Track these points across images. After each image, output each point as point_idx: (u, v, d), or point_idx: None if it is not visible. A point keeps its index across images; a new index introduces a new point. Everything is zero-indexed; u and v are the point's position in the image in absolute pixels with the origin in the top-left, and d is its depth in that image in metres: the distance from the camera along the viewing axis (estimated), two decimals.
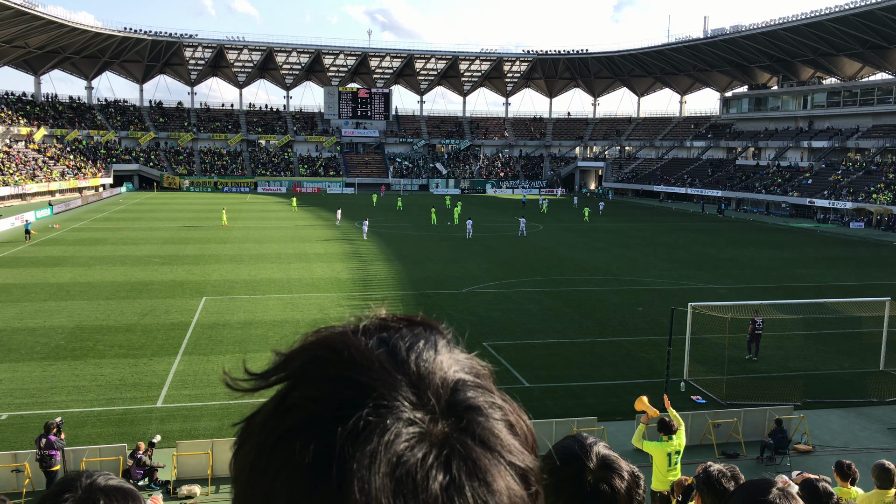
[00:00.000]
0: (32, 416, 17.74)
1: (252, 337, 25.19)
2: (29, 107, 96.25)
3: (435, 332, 0.85)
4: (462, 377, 0.79)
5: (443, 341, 0.83)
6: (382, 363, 0.76)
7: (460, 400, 0.76)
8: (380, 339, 0.81)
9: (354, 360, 0.76)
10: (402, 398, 0.73)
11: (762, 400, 19.26)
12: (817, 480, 4.78)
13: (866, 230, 65.79)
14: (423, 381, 0.76)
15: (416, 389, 0.75)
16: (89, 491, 1.36)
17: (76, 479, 1.40)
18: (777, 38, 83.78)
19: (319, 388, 0.74)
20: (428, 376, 0.77)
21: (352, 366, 0.75)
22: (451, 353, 0.82)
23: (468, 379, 0.79)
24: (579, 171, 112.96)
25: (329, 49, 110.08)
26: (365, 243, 48.74)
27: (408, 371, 0.77)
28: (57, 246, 45.28)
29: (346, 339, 0.80)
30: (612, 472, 1.56)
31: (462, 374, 0.79)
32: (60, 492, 1.37)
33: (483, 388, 0.79)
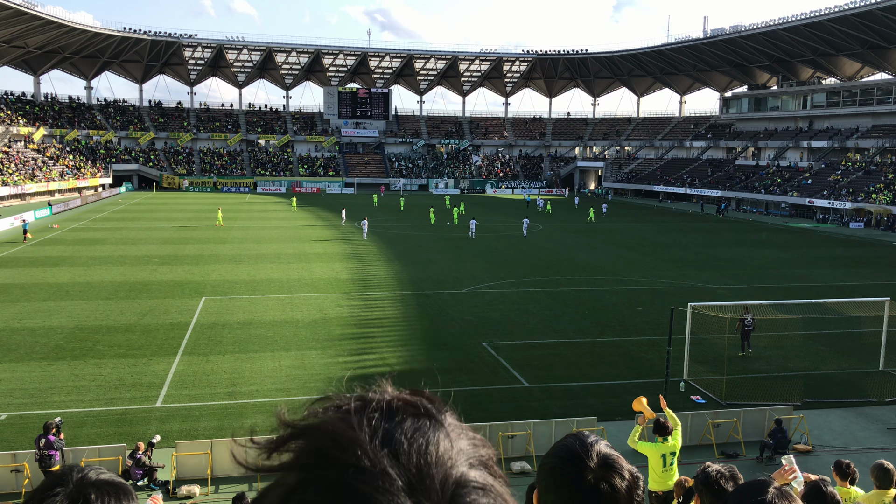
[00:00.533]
0: (32, 417, 17.73)
1: (251, 337, 25.19)
2: (28, 107, 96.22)
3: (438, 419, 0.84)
4: (464, 474, 0.79)
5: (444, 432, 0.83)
6: (384, 468, 0.76)
7: None
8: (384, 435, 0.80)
9: (358, 463, 0.76)
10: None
11: (762, 400, 19.26)
12: (825, 484, 4.77)
13: (866, 230, 65.81)
14: (424, 485, 0.76)
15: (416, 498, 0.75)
16: (80, 485, 1.35)
17: (67, 474, 1.38)
18: (777, 38, 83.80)
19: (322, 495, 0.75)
20: (428, 479, 0.77)
21: (354, 471, 0.75)
22: (453, 444, 0.81)
23: (469, 477, 0.79)
24: (579, 171, 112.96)
25: (328, 49, 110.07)
26: (364, 243, 48.74)
27: (409, 474, 0.76)
28: (56, 246, 45.27)
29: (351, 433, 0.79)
30: (613, 472, 1.55)
31: (464, 468, 0.79)
32: (51, 486, 1.35)
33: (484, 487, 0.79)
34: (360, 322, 27.74)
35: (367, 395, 0.86)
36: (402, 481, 0.76)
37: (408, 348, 24.41)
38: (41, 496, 1.35)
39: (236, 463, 0.84)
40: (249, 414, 18.29)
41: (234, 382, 20.50)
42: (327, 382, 20.68)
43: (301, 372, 21.48)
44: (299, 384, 20.40)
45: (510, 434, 16.31)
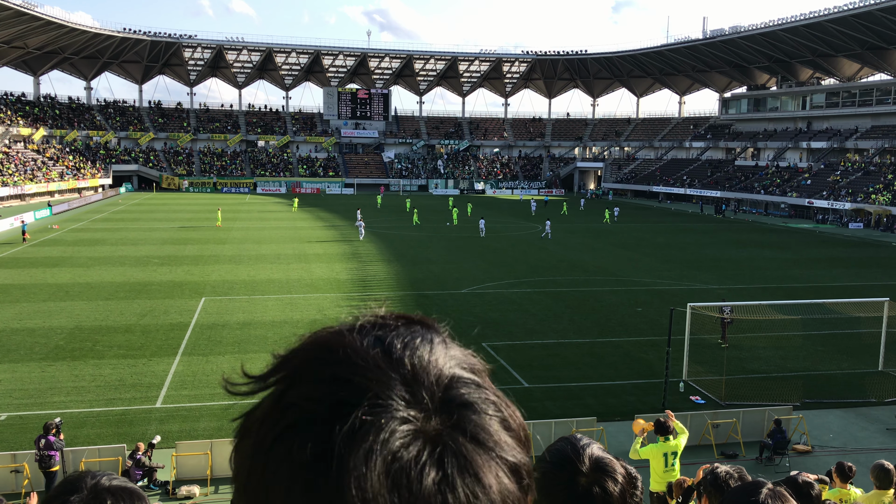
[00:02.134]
0: (31, 417, 17.73)
1: (251, 337, 25.19)
2: (28, 107, 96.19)
3: (431, 330, 0.86)
4: (456, 373, 0.81)
5: (438, 338, 0.85)
6: (378, 362, 0.78)
7: (453, 397, 0.78)
8: (376, 338, 0.82)
9: (350, 359, 0.78)
10: (396, 396, 0.76)
11: (761, 400, 19.27)
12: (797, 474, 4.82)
13: (865, 231, 65.82)
14: (418, 379, 0.78)
15: (410, 387, 0.77)
16: (95, 491, 1.35)
17: (80, 480, 1.38)
18: (776, 38, 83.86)
19: (316, 387, 0.77)
20: (422, 374, 0.79)
21: (348, 365, 0.78)
22: (446, 349, 0.84)
23: (462, 375, 0.81)
24: (578, 171, 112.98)
25: (328, 50, 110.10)
26: (364, 244, 48.73)
27: (402, 369, 0.78)
28: (56, 246, 45.27)
29: (342, 338, 0.81)
30: (605, 475, 1.55)
31: (457, 370, 0.81)
32: (65, 493, 1.35)
33: (477, 384, 0.81)
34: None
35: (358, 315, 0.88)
36: (395, 375, 0.77)
37: None
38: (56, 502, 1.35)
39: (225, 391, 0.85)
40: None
41: None
42: None
43: None
44: None
45: None
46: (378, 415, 0.73)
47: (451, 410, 0.77)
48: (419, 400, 0.76)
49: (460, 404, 0.78)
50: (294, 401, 0.77)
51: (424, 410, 0.76)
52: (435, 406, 0.77)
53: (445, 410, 0.77)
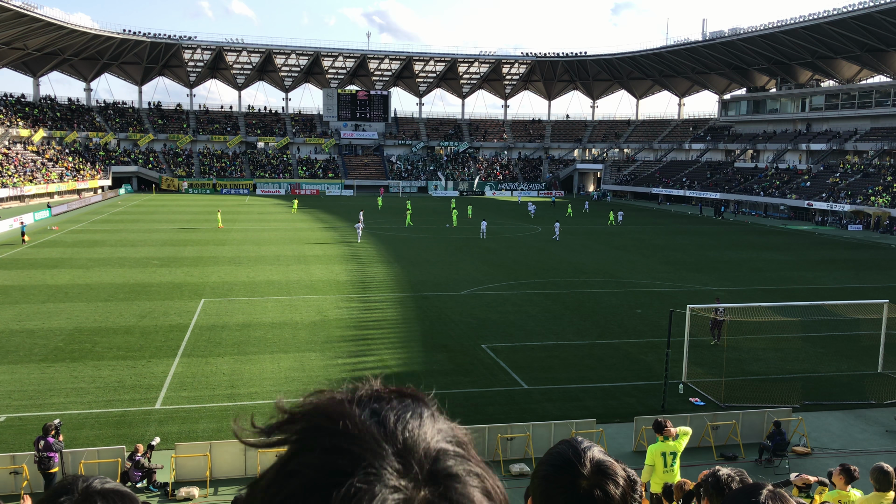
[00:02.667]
0: (31, 418, 17.72)
1: (251, 339, 25.18)
2: (28, 108, 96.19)
3: (421, 404, 0.95)
4: (444, 447, 0.89)
5: (428, 412, 0.94)
6: (373, 435, 0.86)
7: (441, 469, 0.86)
8: (372, 411, 0.90)
9: (348, 431, 0.86)
10: (389, 467, 0.83)
11: (761, 402, 19.27)
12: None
13: (864, 232, 65.87)
14: (409, 452, 0.86)
15: (401, 459, 0.85)
16: (86, 494, 1.36)
17: (72, 483, 1.40)
18: (775, 40, 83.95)
19: (317, 456, 0.84)
20: (413, 447, 0.87)
21: (346, 437, 0.85)
22: (434, 423, 0.92)
23: (449, 449, 0.90)
24: (578, 173, 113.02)
25: (328, 51, 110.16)
26: (363, 245, 48.73)
27: (395, 441, 0.86)
28: (55, 248, 45.25)
29: (343, 409, 0.89)
30: (607, 478, 1.54)
31: (444, 443, 0.90)
32: (57, 495, 1.37)
33: (462, 457, 0.90)
34: (360, 324, 27.73)
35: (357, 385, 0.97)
36: (390, 447, 0.86)
37: (407, 350, 24.42)
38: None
39: (238, 439, 0.94)
40: (249, 416, 18.24)
41: (234, 384, 20.49)
42: (326, 384, 20.65)
43: (300, 374, 21.48)
44: (298, 386, 20.39)
45: (509, 436, 16.31)
46: (371, 483, 0.81)
47: (439, 481, 0.85)
48: (409, 470, 0.84)
49: (447, 476, 0.86)
50: (296, 468, 0.85)
51: (414, 480, 0.83)
52: (424, 476, 0.84)
53: (433, 481, 0.85)
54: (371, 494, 0.79)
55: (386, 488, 0.80)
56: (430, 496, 0.83)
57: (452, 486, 0.85)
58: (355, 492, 0.79)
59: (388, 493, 0.80)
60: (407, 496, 0.81)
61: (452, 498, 0.84)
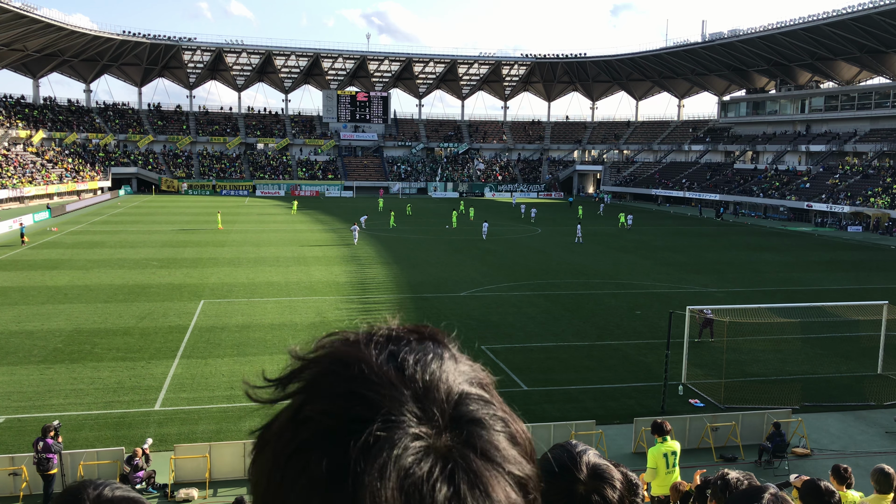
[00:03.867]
0: (30, 420, 17.69)
1: (250, 340, 25.16)
2: (27, 110, 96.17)
3: (441, 345, 0.90)
4: (466, 390, 0.84)
5: (448, 353, 0.88)
6: (391, 379, 0.81)
7: (463, 413, 0.82)
8: (389, 353, 0.85)
9: (364, 375, 0.81)
10: (408, 413, 0.79)
11: (760, 403, 19.25)
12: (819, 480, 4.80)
13: (864, 234, 65.87)
14: (429, 396, 0.81)
15: (421, 404, 0.80)
16: (98, 502, 1.32)
17: (82, 490, 1.34)
18: (775, 42, 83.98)
19: (332, 402, 0.80)
20: (433, 391, 0.82)
21: (362, 381, 0.81)
22: (456, 364, 0.87)
23: (472, 392, 0.84)
24: (577, 174, 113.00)
25: (328, 52, 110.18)
26: (363, 246, 48.68)
27: (414, 386, 0.81)
28: (55, 249, 45.22)
29: (358, 353, 0.84)
30: (604, 483, 1.52)
31: (466, 386, 0.85)
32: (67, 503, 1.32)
33: (485, 400, 0.85)
34: (359, 325, 27.64)
35: (373, 326, 0.93)
36: (408, 391, 0.81)
37: None
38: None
39: (249, 398, 0.87)
40: (248, 417, 18.25)
41: (233, 385, 20.47)
42: None
43: None
44: None
45: None
46: (391, 431, 0.76)
47: (461, 427, 0.80)
48: (430, 416, 0.80)
49: (469, 420, 0.81)
50: (310, 415, 0.80)
51: (435, 427, 0.79)
52: (445, 422, 0.80)
53: (455, 427, 0.80)
54: (391, 443, 0.76)
55: (406, 436, 0.77)
56: (453, 443, 0.79)
57: (476, 432, 0.81)
58: (374, 440, 0.76)
59: (408, 440, 0.76)
60: (429, 444, 0.77)
61: (476, 444, 0.79)
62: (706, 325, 25.67)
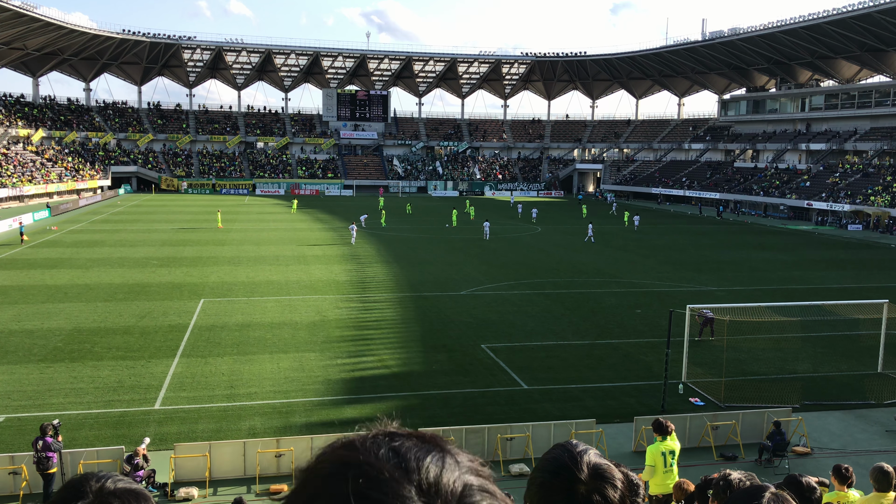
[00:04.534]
0: (30, 419, 17.69)
1: (250, 339, 25.16)
2: (27, 108, 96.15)
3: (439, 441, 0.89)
4: (468, 480, 0.84)
5: (446, 449, 0.88)
6: (393, 475, 0.80)
7: None
8: (391, 450, 0.84)
9: (367, 474, 0.80)
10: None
11: (760, 402, 19.26)
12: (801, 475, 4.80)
13: (864, 232, 65.87)
14: (434, 489, 0.80)
15: (426, 499, 0.79)
16: (101, 495, 1.29)
17: (85, 483, 1.32)
18: (775, 40, 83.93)
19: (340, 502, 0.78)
20: (436, 484, 0.81)
21: (366, 481, 0.79)
22: (455, 459, 0.87)
23: (474, 482, 0.84)
24: (578, 173, 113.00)
25: (327, 51, 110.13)
26: (363, 245, 48.67)
27: (418, 480, 0.81)
28: (55, 248, 45.22)
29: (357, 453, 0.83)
30: (605, 482, 1.51)
31: (468, 476, 0.85)
32: (69, 498, 1.29)
33: (489, 491, 0.84)
34: (359, 324, 27.72)
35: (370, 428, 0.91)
36: (411, 486, 0.79)
37: (406, 350, 24.39)
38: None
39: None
40: (248, 416, 18.27)
41: (233, 384, 20.47)
42: (326, 384, 20.67)
43: (300, 374, 21.47)
44: (298, 386, 20.38)
45: (509, 436, 16.29)
46: None
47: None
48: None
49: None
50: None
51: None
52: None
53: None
54: None
55: None
56: None
57: None
58: None
59: None
60: None
61: None
62: (706, 325, 25.79)
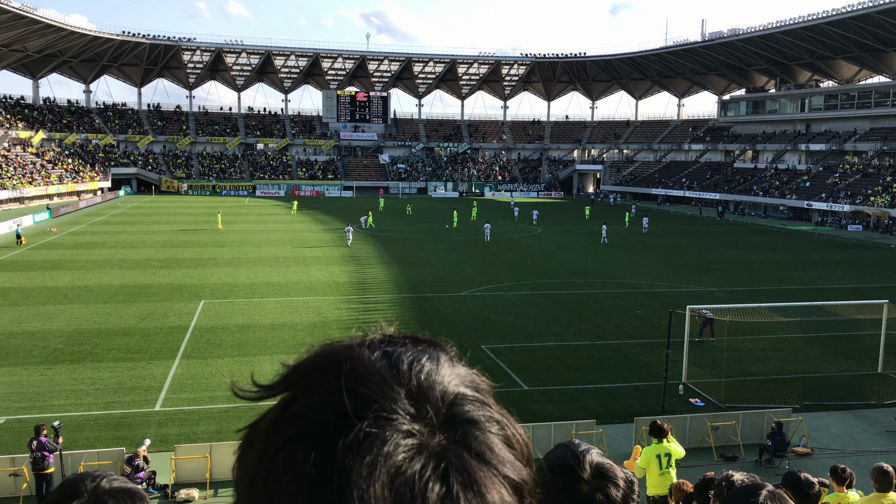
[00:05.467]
0: (30, 420, 17.67)
1: (250, 340, 25.17)
2: (27, 110, 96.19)
3: (438, 348, 0.87)
4: (461, 391, 0.81)
5: (445, 356, 0.85)
6: (383, 375, 0.78)
7: (458, 413, 0.79)
8: (383, 353, 0.82)
9: (356, 371, 0.78)
10: (401, 410, 0.76)
11: (761, 402, 19.26)
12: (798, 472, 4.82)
13: (864, 233, 65.88)
14: (423, 394, 0.78)
15: (415, 402, 0.77)
16: (96, 495, 1.30)
17: (80, 483, 1.32)
18: (774, 41, 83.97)
19: (322, 398, 0.77)
20: (428, 389, 0.79)
21: (354, 377, 0.77)
22: (452, 367, 0.84)
23: (467, 393, 0.81)
24: (577, 174, 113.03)
25: (327, 52, 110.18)
26: (363, 246, 48.67)
27: (408, 383, 0.79)
28: (55, 250, 45.23)
29: (350, 351, 0.81)
30: (608, 481, 1.52)
31: (462, 388, 0.82)
32: (65, 497, 1.30)
33: (482, 402, 0.82)
34: (359, 325, 26.79)
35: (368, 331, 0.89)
36: (402, 390, 0.77)
37: None
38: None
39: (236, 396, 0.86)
40: (249, 417, 18.12)
41: None
42: None
43: None
44: None
45: None
46: (382, 428, 0.74)
47: (456, 427, 0.78)
48: (424, 415, 0.77)
49: (465, 421, 0.79)
50: (299, 410, 0.77)
51: (429, 425, 0.76)
52: (439, 421, 0.77)
53: (450, 426, 0.77)
54: (382, 439, 0.73)
55: (398, 433, 0.74)
56: (447, 442, 0.76)
57: (471, 433, 0.78)
58: (364, 437, 0.73)
59: (399, 437, 0.73)
60: (421, 441, 0.74)
61: (471, 445, 0.76)
62: (706, 325, 25.81)
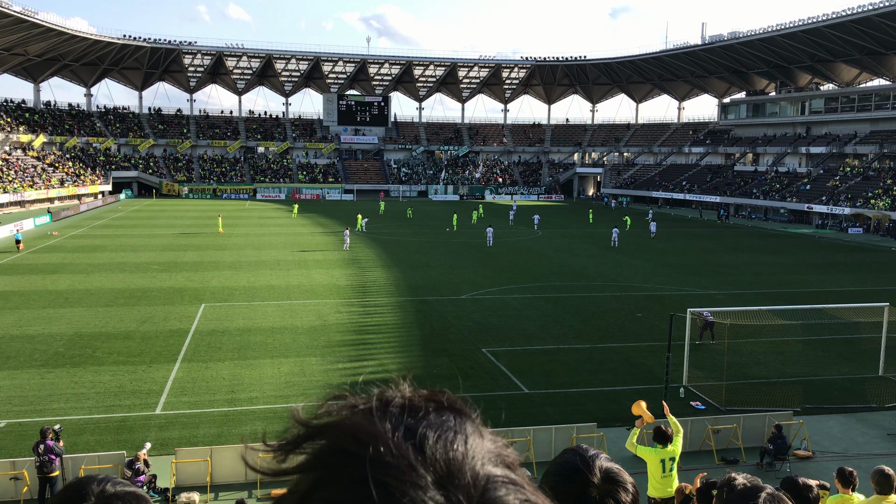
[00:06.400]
0: (31, 424, 17.69)
1: (251, 344, 25.17)
2: (28, 114, 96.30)
3: (463, 417, 0.81)
4: (492, 473, 0.76)
5: (471, 426, 0.79)
6: (410, 461, 0.73)
7: (491, 500, 0.74)
8: (406, 429, 0.76)
9: (382, 458, 0.72)
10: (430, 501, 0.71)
11: (761, 406, 19.25)
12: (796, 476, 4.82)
13: (864, 236, 65.88)
14: (452, 480, 0.73)
15: (444, 490, 0.72)
16: (102, 497, 1.30)
17: (86, 486, 1.32)
18: (775, 44, 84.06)
19: (346, 490, 0.72)
20: (457, 472, 0.74)
21: (379, 465, 0.72)
22: (480, 440, 0.79)
23: (498, 474, 0.76)
24: (578, 177, 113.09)
25: (328, 56, 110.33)
26: (363, 249, 48.68)
27: (437, 468, 0.73)
28: (56, 253, 45.25)
29: (373, 431, 0.75)
30: (617, 486, 1.52)
31: (491, 467, 0.77)
32: (71, 500, 1.30)
33: (514, 483, 0.77)
34: (360, 328, 27.72)
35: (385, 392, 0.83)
36: (430, 475, 0.72)
37: (407, 355, 24.40)
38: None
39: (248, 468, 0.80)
40: (249, 421, 18.26)
41: (234, 389, 20.48)
42: (327, 389, 20.66)
43: (300, 378, 21.47)
44: (299, 391, 20.38)
45: (510, 440, 16.23)
46: None
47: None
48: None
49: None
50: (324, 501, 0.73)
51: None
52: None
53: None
54: None
55: None
56: None
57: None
58: None
59: None
60: None
61: None
62: (706, 328, 25.82)
